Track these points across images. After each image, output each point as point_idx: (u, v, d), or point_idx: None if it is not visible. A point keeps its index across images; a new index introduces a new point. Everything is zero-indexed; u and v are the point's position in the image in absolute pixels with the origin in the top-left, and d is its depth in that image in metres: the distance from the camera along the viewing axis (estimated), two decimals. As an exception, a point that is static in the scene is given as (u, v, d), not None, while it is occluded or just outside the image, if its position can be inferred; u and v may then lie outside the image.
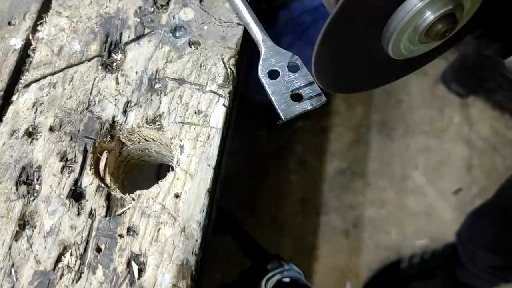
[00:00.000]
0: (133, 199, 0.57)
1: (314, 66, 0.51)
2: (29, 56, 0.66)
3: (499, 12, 0.54)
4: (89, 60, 0.65)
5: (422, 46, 0.51)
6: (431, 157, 1.84)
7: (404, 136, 1.87)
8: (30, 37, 0.67)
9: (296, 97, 0.59)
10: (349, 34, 0.49)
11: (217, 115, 0.61)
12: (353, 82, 0.59)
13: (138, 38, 0.67)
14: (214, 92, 0.63)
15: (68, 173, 0.58)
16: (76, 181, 0.58)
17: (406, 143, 1.86)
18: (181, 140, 0.60)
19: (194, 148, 0.59)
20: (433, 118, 1.93)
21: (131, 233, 0.55)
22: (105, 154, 0.61)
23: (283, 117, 0.57)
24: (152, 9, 0.69)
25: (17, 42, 0.66)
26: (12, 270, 0.53)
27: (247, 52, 0.73)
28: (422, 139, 1.88)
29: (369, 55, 0.54)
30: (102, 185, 0.58)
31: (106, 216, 0.56)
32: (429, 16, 0.46)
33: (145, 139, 0.65)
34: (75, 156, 0.59)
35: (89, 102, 0.62)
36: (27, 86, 0.63)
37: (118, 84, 0.64)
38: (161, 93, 0.63)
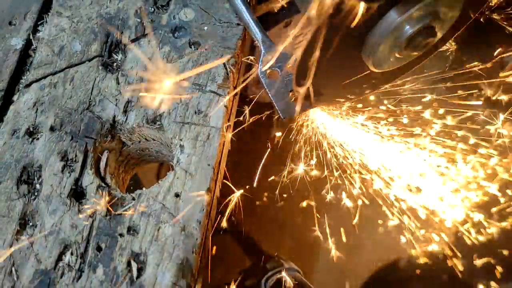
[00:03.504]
0: (133, 199, 0.58)
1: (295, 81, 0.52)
2: (29, 56, 0.66)
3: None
4: (90, 60, 0.65)
5: (402, 58, 0.52)
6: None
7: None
8: (31, 37, 0.67)
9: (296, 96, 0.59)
10: (329, 51, 0.50)
11: (217, 114, 0.62)
12: (334, 95, 0.60)
13: (138, 38, 0.67)
14: (214, 92, 0.63)
15: (68, 172, 0.58)
16: (77, 181, 0.58)
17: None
18: (181, 140, 0.60)
19: (194, 147, 0.60)
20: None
21: (131, 232, 0.56)
22: (105, 154, 0.61)
23: (282, 117, 0.57)
24: (153, 9, 0.69)
25: (17, 42, 0.66)
26: (13, 269, 0.53)
27: (247, 52, 0.74)
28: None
29: (350, 69, 0.55)
30: (103, 185, 0.58)
31: (106, 215, 0.56)
32: (408, 30, 0.47)
33: (146, 139, 0.65)
34: (76, 155, 0.59)
35: (89, 102, 0.63)
36: (28, 86, 0.63)
37: (119, 84, 0.64)
38: (161, 93, 0.63)
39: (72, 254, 0.54)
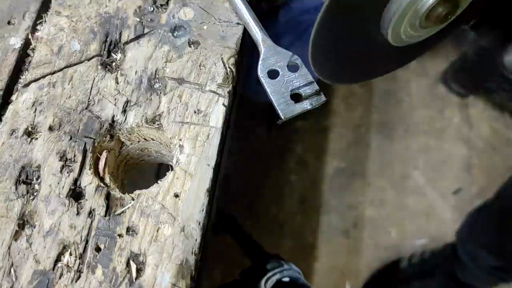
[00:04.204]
0: (133, 199, 0.57)
1: (311, 56, 0.50)
2: (28, 55, 0.66)
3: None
4: (89, 59, 0.65)
5: (422, 31, 0.49)
6: (431, 157, 1.84)
7: (404, 136, 1.88)
8: (30, 36, 0.66)
9: (296, 96, 0.59)
10: (346, 21, 0.47)
11: (217, 114, 0.61)
12: (352, 72, 0.57)
13: (137, 37, 0.67)
14: (214, 92, 0.63)
15: (67, 172, 0.58)
16: (76, 181, 0.58)
17: (406, 143, 1.86)
18: (180, 140, 0.60)
19: (193, 147, 0.59)
20: (433, 118, 1.93)
21: (131, 232, 0.55)
22: (104, 154, 0.61)
23: (283, 117, 0.57)
24: (152, 8, 0.69)
25: (16, 42, 0.66)
26: (12, 269, 0.53)
27: (247, 51, 0.73)
28: (422, 139, 1.88)
29: (368, 42, 0.52)
30: (102, 185, 0.58)
31: (105, 216, 0.56)
32: None
33: (145, 139, 0.65)
34: (75, 155, 0.59)
35: (88, 101, 0.62)
36: (26, 85, 0.63)
37: (118, 83, 0.64)
38: (160, 93, 0.63)
39: (71, 254, 0.54)
